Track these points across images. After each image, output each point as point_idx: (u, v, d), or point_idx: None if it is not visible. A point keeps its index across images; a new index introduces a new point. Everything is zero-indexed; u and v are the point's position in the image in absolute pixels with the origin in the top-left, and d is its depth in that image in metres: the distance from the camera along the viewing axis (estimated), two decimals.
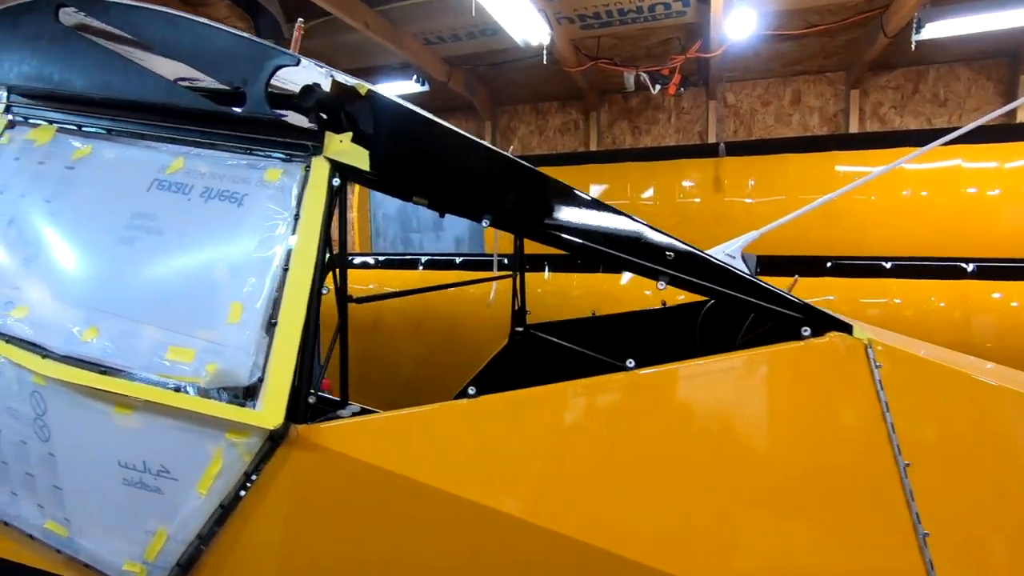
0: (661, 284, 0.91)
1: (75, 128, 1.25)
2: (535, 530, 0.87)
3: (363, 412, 1.06)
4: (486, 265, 3.20)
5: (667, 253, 0.91)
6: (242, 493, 1.01)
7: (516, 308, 2.23)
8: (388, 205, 5.51)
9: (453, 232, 5.37)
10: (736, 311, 1.73)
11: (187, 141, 1.13)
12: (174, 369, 0.96)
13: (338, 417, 1.03)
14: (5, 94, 1.32)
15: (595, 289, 2.98)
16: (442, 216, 1.06)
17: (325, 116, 1.00)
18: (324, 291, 1.00)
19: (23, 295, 1.11)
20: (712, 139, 4.50)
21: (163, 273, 1.03)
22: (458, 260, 3.33)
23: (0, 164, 1.28)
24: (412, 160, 1.01)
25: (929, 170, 3.18)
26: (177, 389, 0.96)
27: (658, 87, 3.72)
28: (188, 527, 1.06)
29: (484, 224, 0.96)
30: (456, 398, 2.09)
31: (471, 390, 0.93)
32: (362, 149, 0.99)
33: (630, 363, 0.90)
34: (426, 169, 1.01)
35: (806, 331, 0.88)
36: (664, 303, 2.02)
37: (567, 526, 0.85)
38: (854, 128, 4.17)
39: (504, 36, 3.57)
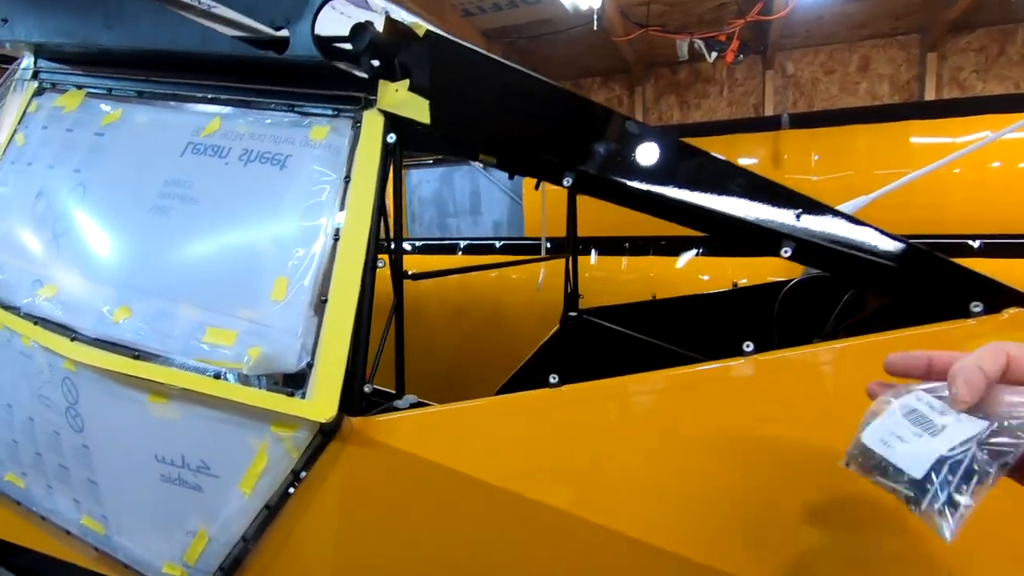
0: (785, 251, 0.75)
1: (105, 92, 1.14)
2: (644, 548, 0.72)
3: (420, 404, 0.92)
4: (527, 249, 3.06)
5: (794, 212, 0.75)
6: (290, 491, 0.89)
7: (569, 291, 2.08)
8: (424, 189, 5.41)
9: (491, 216, 5.24)
10: (831, 292, 1.53)
11: (223, 99, 1.01)
12: (213, 353, 0.84)
13: (395, 409, 0.90)
14: (33, 59, 1.23)
15: (646, 273, 2.81)
16: (511, 177, 0.91)
17: (378, 62, 0.86)
18: (379, 264, 0.86)
19: (52, 273, 1.01)
20: (769, 112, 4.22)
21: (199, 245, 0.91)
22: (498, 244, 3.19)
23: (29, 134, 1.19)
24: (479, 110, 0.86)
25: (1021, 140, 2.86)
26: (217, 376, 0.85)
27: (714, 55, 3.46)
28: (231, 529, 0.95)
29: (566, 184, 0.81)
30: (506, 389, 1.95)
31: (553, 378, 0.79)
32: (421, 99, 0.85)
33: (748, 346, 0.74)
34: (496, 120, 0.86)
35: (976, 307, 0.70)
36: (736, 284, 1.84)
37: (680, 543, 0.70)
38: (930, 96, 3.82)
39: (547, 4, 3.37)
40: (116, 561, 1.10)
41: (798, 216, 0.74)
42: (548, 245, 2.71)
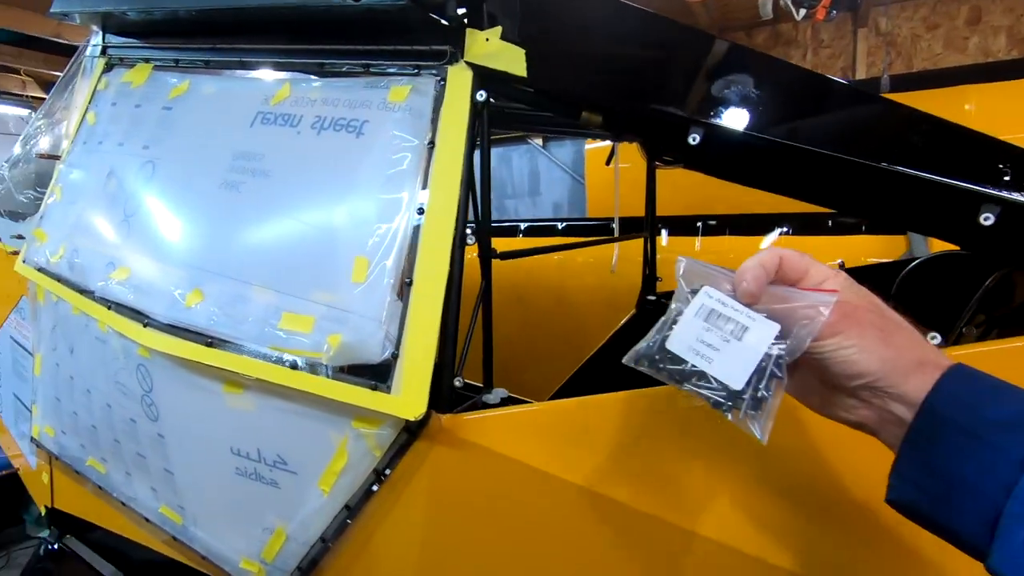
0: (986, 218, 0.59)
1: (172, 64, 1.08)
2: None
3: (511, 400, 0.82)
4: (591, 231, 2.91)
5: (1001, 166, 0.58)
6: (372, 490, 0.81)
7: (647, 273, 1.93)
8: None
9: (551, 197, 5.10)
10: (962, 273, 1.33)
11: (292, 64, 0.92)
12: (290, 341, 0.77)
13: (485, 404, 0.80)
14: (101, 34, 1.19)
15: (724, 254, 2.61)
16: (617, 139, 0.78)
17: (464, 9, 0.75)
18: (469, 241, 0.76)
19: (123, 255, 0.97)
20: (861, 76, 3.83)
21: (271, 223, 0.83)
22: (560, 225, 3.05)
23: (99, 112, 1.16)
24: (584, 59, 0.74)
25: None
26: (294, 366, 0.77)
27: (803, 12, 3.15)
28: (309, 528, 0.89)
29: (692, 141, 0.67)
30: (577, 378, 1.83)
31: None
32: (516, 48, 0.73)
33: (934, 337, 0.59)
34: (604, 70, 0.73)
35: None
36: (842, 264, 1.64)
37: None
38: None
39: None
40: (193, 551, 1.07)
41: (1007, 172, 0.58)
42: (611, 227, 2.55)
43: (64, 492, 1.45)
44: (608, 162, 2.20)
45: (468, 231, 0.75)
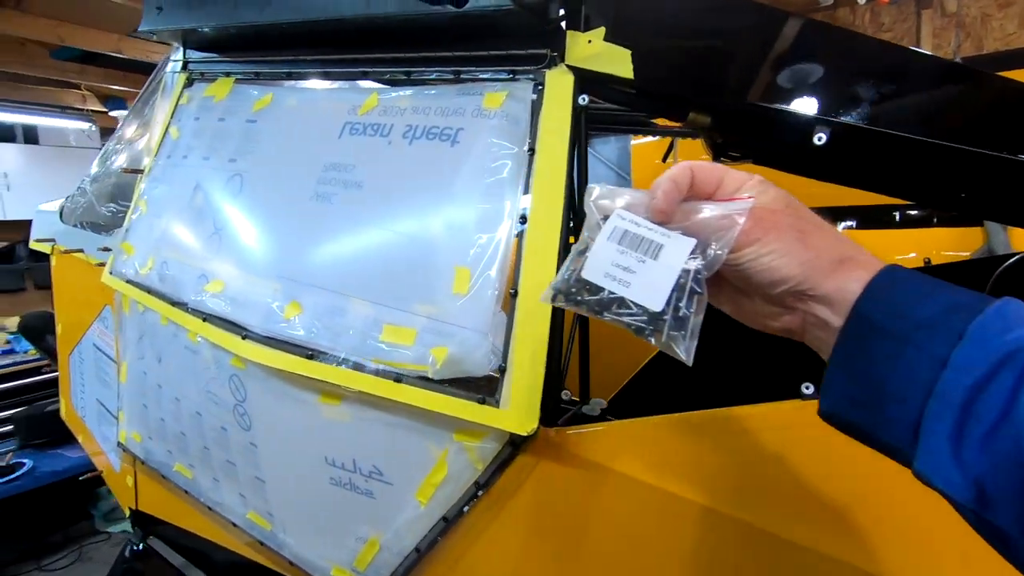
0: None
1: (253, 76, 1.10)
2: None
3: (604, 413, 0.79)
4: None
5: None
6: (471, 504, 0.80)
7: None
8: None
9: None
10: None
11: (380, 74, 0.92)
12: (393, 354, 0.76)
13: (585, 416, 0.78)
14: (182, 49, 1.21)
15: None
16: (723, 143, 0.75)
17: (563, 11, 0.72)
18: None
19: (216, 268, 0.98)
20: None
21: (366, 234, 0.83)
22: None
23: (182, 127, 1.18)
24: (695, 57, 0.71)
25: None
26: (398, 378, 0.76)
27: None
28: (404, 539, 0.88)
29: (817, 141, 0.63)
30: (634, 383, 1.79)
31: (807, 388, 0.63)
32: (621, 49, 0.70)
33: None
34: (717, 67, 0.70)
35: None
36: (928, 261, 1.56)
37: None
38: None
39: None
40: (281, 557, 1.08)
41: None
42: None
43: (148, 495, 1.50)
44: (665, 158, 2.14)
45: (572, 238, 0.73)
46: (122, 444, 1.42)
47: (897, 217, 2.38)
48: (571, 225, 0.74)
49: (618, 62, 0.70)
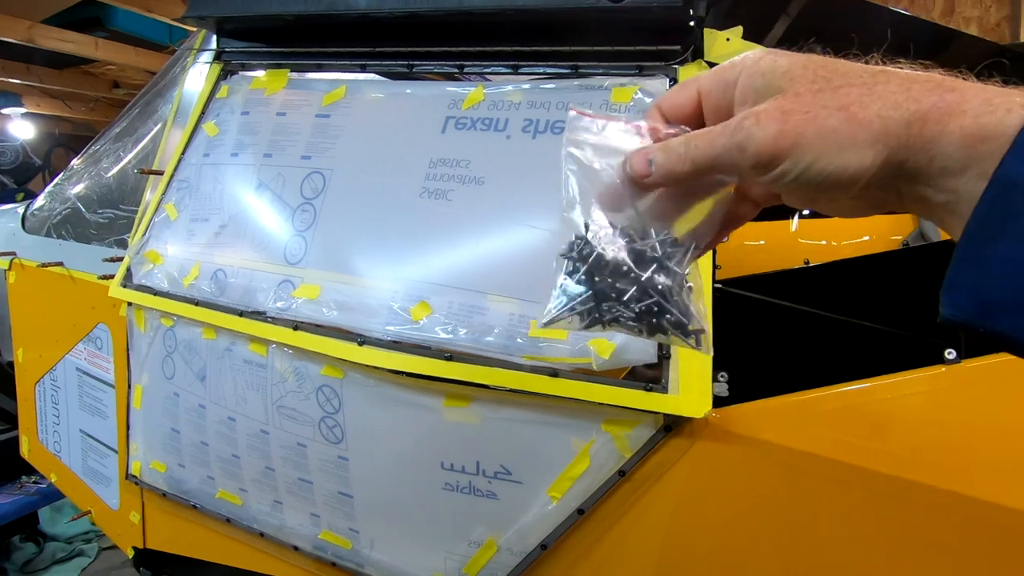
0: None
1: (314, 67, 1.03)
2: None
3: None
4: None
5: None
6: (613, 488, 0.81)
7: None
8: None
9: None
10: None
11: (480, 67, 0.90)
12: (547, 349, 0.76)
13: (717, 397, 0.81)
14: (215, 36, 1.11)
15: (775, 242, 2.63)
16: None
17: (702, 6, 0.76)
18: None
19: (304, 273, 0.91)
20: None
21: (498, 229, 0.81)
22: None
23: (222, 121, 1.09)
24: None
25: None
26: (553, 374, 0.76)
27: None
28: (528, 537, 0.88)
29: None
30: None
31: (950, 353, 0.70)
32: (759, 46, 0.74)
33: (950, 352, 0.66)
34: None
35: None
36: (906, 243, 1.74)
37: None
38: None
39: None
40: (360, 575, 1.03)
41: None
42: None
43: (162, 531, 1.35)
44: None
45: None
46: (134, 476, 1.28)
47: None
48: None
49: None
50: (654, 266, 0.38)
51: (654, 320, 0.39)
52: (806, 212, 2.59)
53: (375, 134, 0.93)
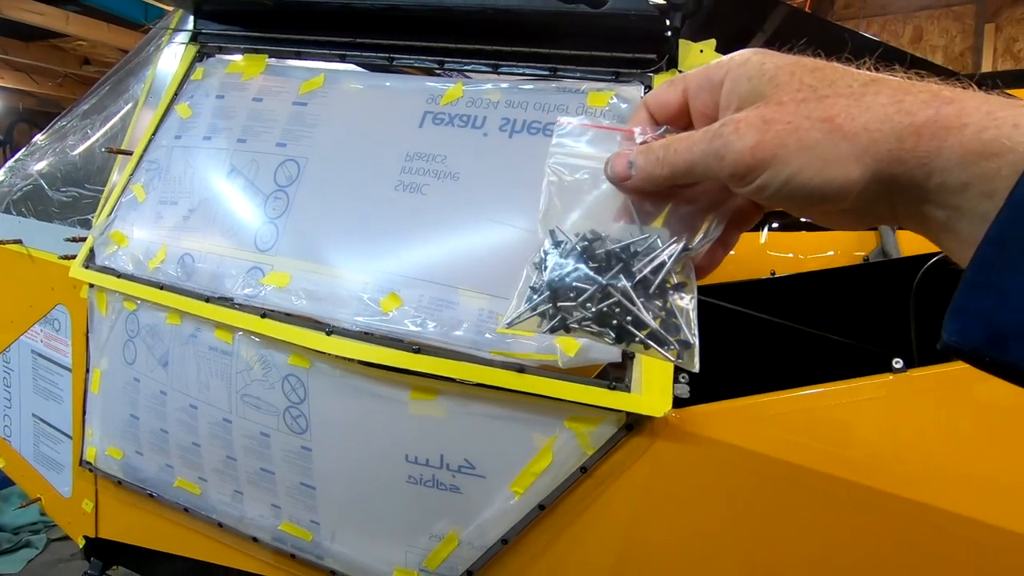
0: None
1: (292, 54, 1.02)
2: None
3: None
4: None
5: None
6: (574, 485, 0.83)
7: None
8: None
9: None
10: None
11: (460, 64, 0.91)
12: (515, 345, 0.77)
13: (678, 399, 0.84)
14: (192, 17, 1.09)
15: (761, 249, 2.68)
16: None
17: (678, 18, 0.78)
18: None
19: (275, 260, 0.91)
20: None
21: (471, 225, 0.82)
22: None
23: (195, 103, 1.07)
24: None
25: None
26: (520, 370, 0.77)
27: None
28: (489, 531, 0.89)
29: None
30: None
31: (897, 363, 0.74)
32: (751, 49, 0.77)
33: (898, 362, 0.70)
34: None
35: None
36: (866, 258, 1.80)
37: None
38: (987, 68, 3.77)
39: None
40: (319, 567, 1.03)
41: None
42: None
43: (114, 519, 1.32)
44: None
45: None
46: (89, 463, 1.25)
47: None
48: None
49: None
50: (618, 267, 0.38)
51: (615, 322, 0.38)
52: (776, 224, 2.67)
53: (352, 125, 0.93)
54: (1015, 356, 0.26)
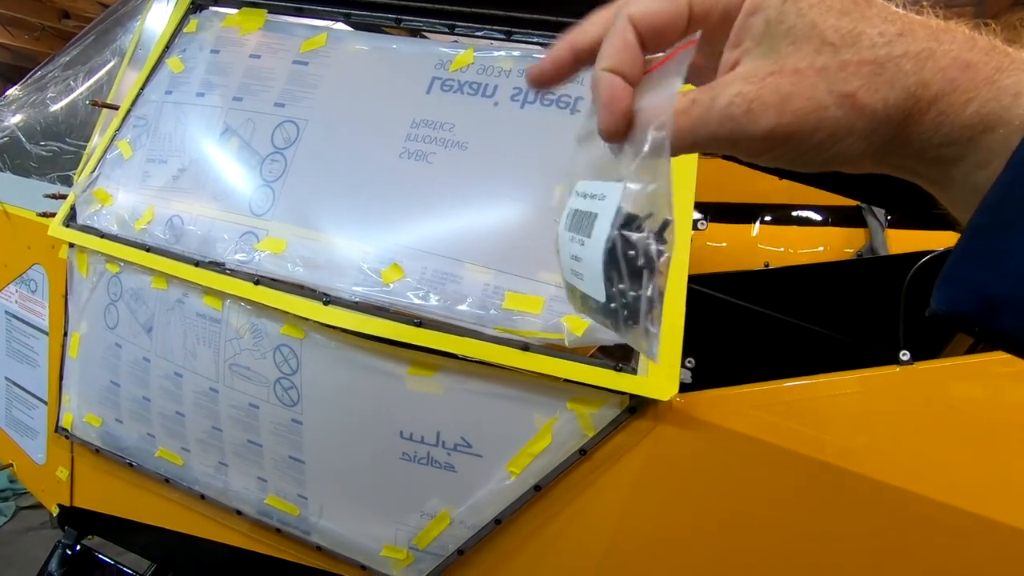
0: None
1: (293, 10, 0.98)
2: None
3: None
4: None
5: None
6: (571, 467, 0.82)
7: None
8: None
9: None
10: None
11: (471, 29, 0.87)
12: (520, 323, 0.74)
13: (682, 384, 0.83)
14: None
15: (752, 243, 2.66)
16: None
17: None
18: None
19: (270, 225, 0.87)
20: None
21: (478, 197, 0.79)
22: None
23: (188, 58, 1.02)
24: None
25: None
26: (525, 348, 0.75)
27: None
28: (483, 511, 0.87)
29: None
30: None
31: (904, 354, 0.73)
32: None
33: (904, 353, 0.70)
34: None
35: None
36: (860, 254, 1.81)
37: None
38: None
39: None
40: (304, 544, 1.01)
41: None
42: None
43: (89, 488, 1.28)
44: None
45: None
46: (65, 430, 1.20)
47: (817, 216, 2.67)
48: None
49: None
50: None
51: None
52: (768, 218, 2.68)
53: (356, 87, 0.89)
54: (1009, 325, 0.26)
